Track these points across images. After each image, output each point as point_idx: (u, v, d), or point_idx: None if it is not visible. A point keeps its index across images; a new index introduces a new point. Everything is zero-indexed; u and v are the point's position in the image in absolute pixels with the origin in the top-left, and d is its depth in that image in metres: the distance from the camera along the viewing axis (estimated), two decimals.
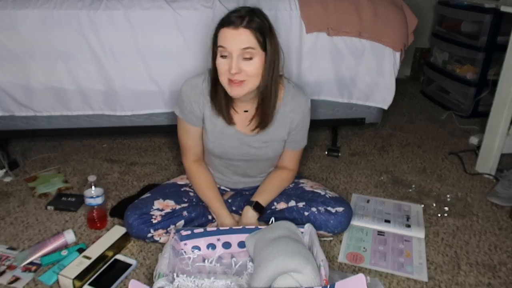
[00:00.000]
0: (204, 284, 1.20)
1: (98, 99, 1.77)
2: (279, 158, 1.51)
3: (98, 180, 1.52)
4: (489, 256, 1.44)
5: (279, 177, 1.50)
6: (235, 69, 1.18)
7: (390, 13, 1.78)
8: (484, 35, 2.56)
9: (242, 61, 1.19)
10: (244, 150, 1.42)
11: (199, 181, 1.47)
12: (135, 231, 1.38)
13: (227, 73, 1.20)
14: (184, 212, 1.42)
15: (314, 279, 1.10)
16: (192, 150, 1.46)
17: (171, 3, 1.68)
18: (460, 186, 1.90)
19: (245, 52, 1.18)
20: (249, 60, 1.19)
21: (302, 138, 1.47)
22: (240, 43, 1.17)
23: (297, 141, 1.46)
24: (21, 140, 2.24)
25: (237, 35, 1.17)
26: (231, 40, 1.17)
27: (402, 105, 2.92)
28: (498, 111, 1.89)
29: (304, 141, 1.48)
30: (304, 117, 1.41)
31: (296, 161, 1.52)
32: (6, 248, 1.42)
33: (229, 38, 1.17)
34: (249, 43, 1.18)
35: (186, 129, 1.42)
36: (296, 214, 1.43)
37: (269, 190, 1.47)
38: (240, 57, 1.19)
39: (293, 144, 1.46)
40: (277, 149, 1.44)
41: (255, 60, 1.20)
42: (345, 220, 1.44)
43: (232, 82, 1.21)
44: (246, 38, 1.17)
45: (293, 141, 1.45)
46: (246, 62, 1.19)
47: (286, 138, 1.43)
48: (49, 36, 1.64)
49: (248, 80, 1.21)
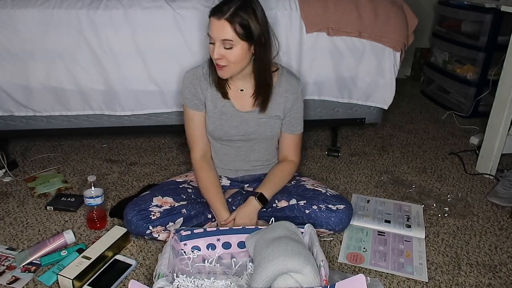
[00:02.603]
0: (204, 284, 1.19)
1: (97, 99, 1.77)
2: (279, 148, 1.57)
3: (97, 180, 1.52)
4: (490, 256, 1.44)
5: (281, 170, 1.55)
6: (216, 55, 1.31)
7: (390, 13, 1.78)
8: (485, 35, 2.56)
9: (224, 49, 1.30)
10: (243, 128, 1.48)
11: (205, 180, 1.50)
12: (134, 227, 1.39)
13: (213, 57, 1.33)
14: (183, 210, 1.42)
15: (314, 279, 1.10)
16: (198, 142, 1.52)
17: (171, 3, 1.68)
18: (461, 186, 1.90)
19: (225, 42, 1.29)
20: (229, 49, 1.30)
21: (299, 122, 1.54)
22: (220, 34, 1.28)
23: (293, 124, 1.52)
24: (20, 140, 2.24)
25: (219, 26, 1.27)
26: (214, 30, 1.29)
27: (402, 105, 2.92)
28: (499, 111, 1.89)
29: (301, 126, 1.55)
30: (298, 98, 1.51)
31: (296, 150, 1.57)
32: (5, 249, 1.42)
33: (213, 28, 1.29)
34: (226, 36, 1.27)
35: (191, 117, 1.49)
36: (297, 212, 1.45)
37: (272, 182, 1.51)
38: (221, 46, 1.30)
39: (290, 127, 1.52)
40: (274, 127, 1.50)
41: (235, 49, 1.30)
42: (346, 218, 1.46)
43: (217, 65, 1.35)
44: (225, 31, 1.27)
45: (289, 123, 1.52)
46: (227, 50, 1.30)
47: (282, 116, 1.50)
48: (49, 35, 1.63)
49: (229, 66, 1.33)
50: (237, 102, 1.47)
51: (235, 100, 1.47)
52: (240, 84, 1.46)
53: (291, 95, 1.48)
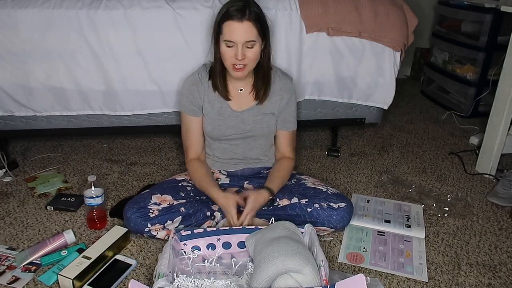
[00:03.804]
0: (204, 284, 1.20)
1: (98, 99, 1.77)
2: (276, 146, 1.63)
3: (98, 180, 1.52)
4: (489, 256, 1.44)
5: (282, 166, 1.59)
6: (241, 56, 1.34)
7: (390, 13, 1.78)
8: (484, 35, 2.56)
9: (245, 48, 1.35)
10: (240, 127, 1.52)
11: (198, 172, 1.54)
12: (133, 225, 1.39)
13: (232, 59, 1.37)
14: (182, 209, 1.42)
15: (314, 279, 1.10)
16: (194, 146, 1.57)
17: (171, 3, 1.68)
18: (460, 186, 1.90)
19: (248, 43, 1.34)
20: (251, 48, 1.36)
21: (292, 119, 1.59)
22: (244, 36, 1.33)
23: (288, 120, 1.58)
24: (20, 140, 2.24)
25: (242, 28, 1.32)
26: (236, 33, 1.32)
27: (402, 105, 2.92)
28: (498, 111, 1.89)
29: (294, 123, 1.60)
30: (292, 96, 1.56)
31: (292, 146, 1.63)
32: (5, 248, 1.42)
33: (236, 31, 1.32)
34: (251, 36, 1.33)
35: (188, 122, 1.54)
36: (299, 211, 1.45)
37: (278, 176, 1.54)
38: (244, 46, 1.34)
39: (285, 123, 1.58)
40: (269, 124, 1.55)
41: (255, 48, 1.37)
42: (347, 216, 1.48)
43: (235, 67, 1.38)
44: (250, 31, 1.33)
45: (284, 119, 1.57)
46: (248, 50, 1.36)
47: (276, 114, 1.55)
48: (49, 35, 1.64)
49: (249, 64, 1.39)
50: (235, 102, 1.51)
51: (233, 100, 1.51)
52: (239, 84, 1.51)
53: (286, 93, 1.54)
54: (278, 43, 1.75)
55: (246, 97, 1.51)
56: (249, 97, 1.51)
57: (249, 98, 1.51)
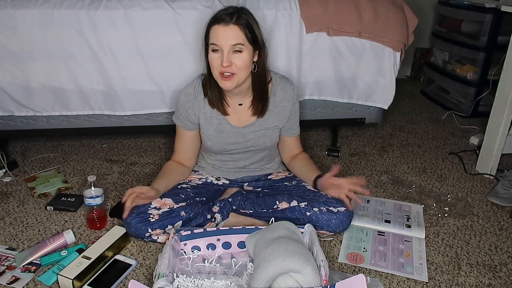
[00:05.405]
0: (204, 284, 1.19)
1: (97, 99, 1.77)
2: (284, 151, 1.62)
3: (97, 180, 1.52)
4: (490, 256, 1.44)
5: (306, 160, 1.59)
6: (226, 62, 1.27)
7: (390, 13, 1.78)
8: (485, 35, 2.56)
9: (233, 54, 1.29)
10: (242, 143, 1.51)
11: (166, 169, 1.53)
12: (133, 230, 1.38)
13: (219, 66, 1.30)
14: (182, 212, 1.41)
15: (314, 279, 1.10)
16: (179, 153, 1.57)
17: (171, 3, 1.68)
18: (461, 186, 1.90)
19: (235, 47, 1.28)
20: (239, 53, 1.29)
21: (296, 125, 1.58)
22: (230, 39, 1.27)
23: (293, 127, 1.57)
24: (20, 140, 2.24)
25: (228, 31, 1.27)
26: (222, 37, 1.27)
27: (402, 105, 2.92)
28: (499, 111, 1.89)
29: (298, 127, 1.60)
30: (294, 104, 1.53)
31: (300, 145, 1.64)
32: (5, 248, 1.42)
33: (221, 34, 1.27)
34: (238, 39, 1.28)
35: (180, 134, 1.54)
36: (298, 214, 1.44)
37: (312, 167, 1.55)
38: (230, 52, 1.28)
39: (290, 131, 1.57)
40: (273, 137, 1.54)
41: (244, 54, 1.30)
42: (347, 220, 1.45)
43: (222, 76, 1.31)
44: (236, 34, 1.27)
45: (289, 128, 1.56)
46: (236, 55, 1.29)
47: (280, 126, 1.53)
48: (49, 36, 1.64)
49: (238, 73, 1.31)
50: (235, 117, 1.48)
51: (233, 116, 1.48)
52: (238, 99, 1.46)
53: (287, 103, 1.50)
54: (278, 43, 1.75)
55: (246, 112, 1.47)
56: (249, 112, 1.47)
57: (249, 113, 1.47)
